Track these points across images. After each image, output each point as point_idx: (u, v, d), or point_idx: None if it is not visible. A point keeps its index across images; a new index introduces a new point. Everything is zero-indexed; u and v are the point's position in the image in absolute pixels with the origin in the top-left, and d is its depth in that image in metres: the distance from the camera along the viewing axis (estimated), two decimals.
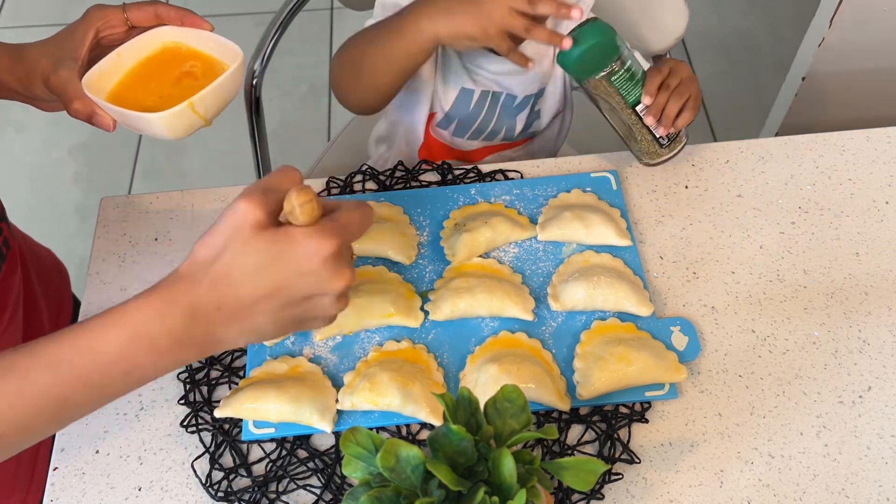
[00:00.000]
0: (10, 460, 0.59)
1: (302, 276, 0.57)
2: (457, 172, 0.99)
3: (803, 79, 1.40)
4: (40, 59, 0.79)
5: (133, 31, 0.82)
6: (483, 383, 0.78)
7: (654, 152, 0.94)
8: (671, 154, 0.94)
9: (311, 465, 0.78)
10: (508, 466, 0.57)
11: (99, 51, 0.80)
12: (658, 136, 0.92)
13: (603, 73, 0.86)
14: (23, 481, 0.90)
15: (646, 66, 0.93)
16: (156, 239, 0.94)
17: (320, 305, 0.59)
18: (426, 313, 0.86)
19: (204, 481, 0.77)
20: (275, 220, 0.58)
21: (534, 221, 0.93)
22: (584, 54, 0.84)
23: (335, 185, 0.98)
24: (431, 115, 1.07)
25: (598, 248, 0.90)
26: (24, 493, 0.90)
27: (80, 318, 0.88)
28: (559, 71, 1.07)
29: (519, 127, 1.10)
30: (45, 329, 0.94)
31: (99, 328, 0.57)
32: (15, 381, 0.55)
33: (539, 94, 1.08)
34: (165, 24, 0.82)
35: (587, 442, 0.79)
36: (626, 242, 0.90)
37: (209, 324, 0.57)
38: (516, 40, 0.89)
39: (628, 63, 0.87)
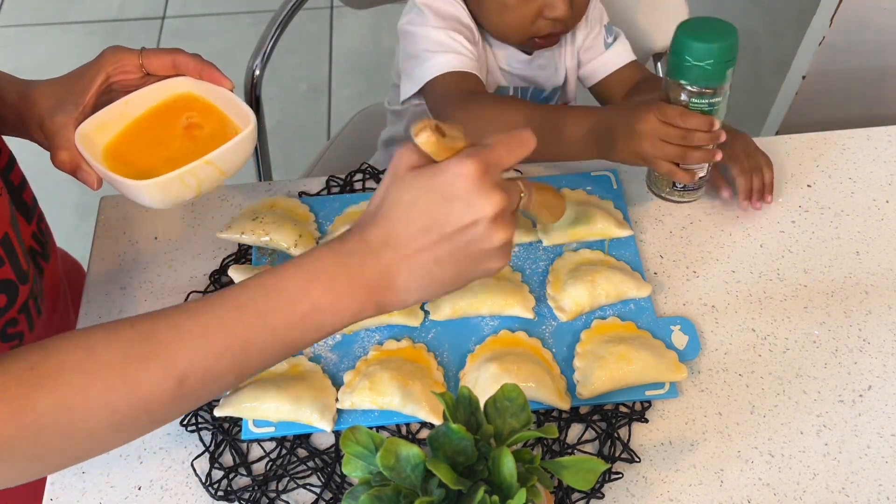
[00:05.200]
0: None
1: (448, 202, 0.57)
2: None
3: (804, 77, 1.40)
4: (42, 99, 0.75)
5: (149, 78, 0.77)
6: (483, 382, 0.78)
7: (667, 189, 0.94)
8: (680, 199, 0.95)
9: (310, 464, 0.78)
10: (508, 465, 0.57)
11: (110, 95, 0.76)
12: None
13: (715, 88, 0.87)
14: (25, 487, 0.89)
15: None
16: (156, 238, 0.93)
17: (477, 236, 0.58)
18: (426, 312, 0.85)
19: (204, 480, 0.77)
20: (432, 162, 0.59)
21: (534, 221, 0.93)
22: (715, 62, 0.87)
23: (335, 184, 0.98)
24: None
25: (599, 246, 0.90)
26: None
27: (79, 318, 0.87)
28: (575, 62, 1.09)
29: None
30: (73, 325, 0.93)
31: (282, 270, 0.59)
32: (202, 320, 0.57)
33: (564, 86, 1.10)
34: (182, 75, 0.77)
35: (587, 441, 0.79)
36: (627, 232, 0.90)
37: (380, 262, 0.58)
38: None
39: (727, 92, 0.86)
